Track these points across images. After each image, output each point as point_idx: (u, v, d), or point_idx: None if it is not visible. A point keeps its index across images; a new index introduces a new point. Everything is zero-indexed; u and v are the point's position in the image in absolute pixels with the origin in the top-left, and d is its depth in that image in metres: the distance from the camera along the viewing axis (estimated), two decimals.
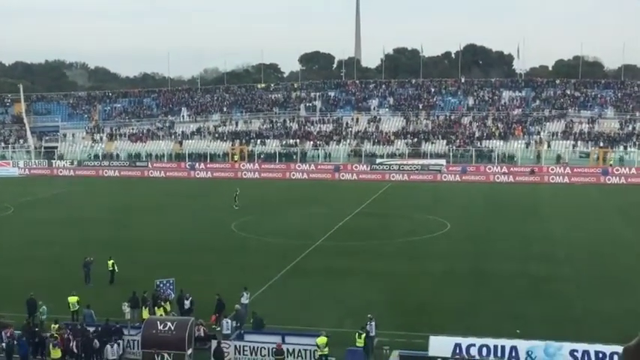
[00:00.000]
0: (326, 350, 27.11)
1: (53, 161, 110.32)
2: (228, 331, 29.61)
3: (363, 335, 27.71)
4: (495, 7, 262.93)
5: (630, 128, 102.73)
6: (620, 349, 25.70)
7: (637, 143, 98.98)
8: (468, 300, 35.87)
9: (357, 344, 27.44)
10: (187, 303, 32.37)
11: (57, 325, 28.90)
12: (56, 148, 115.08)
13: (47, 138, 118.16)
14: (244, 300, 32.69)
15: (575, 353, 26.09)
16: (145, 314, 30.96)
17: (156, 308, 31.60)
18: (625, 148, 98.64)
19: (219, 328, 29.85)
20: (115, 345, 27.61)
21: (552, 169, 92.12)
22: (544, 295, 36.50)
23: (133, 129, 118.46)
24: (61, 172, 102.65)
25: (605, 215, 61.48)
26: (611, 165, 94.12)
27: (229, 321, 30.05)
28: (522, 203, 68.01)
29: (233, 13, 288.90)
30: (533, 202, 69.20)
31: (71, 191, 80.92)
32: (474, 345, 26.83)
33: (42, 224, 58.25)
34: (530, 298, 36.10)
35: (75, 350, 27.78)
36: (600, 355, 25.89)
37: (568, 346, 26.35)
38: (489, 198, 72.10)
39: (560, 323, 31.65)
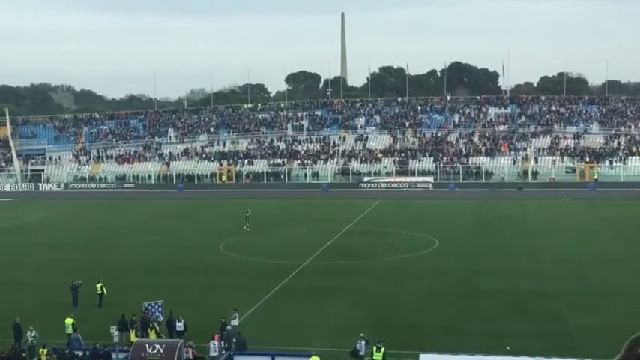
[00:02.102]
0: None
1: (40, 184, 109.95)
2: (216, 353, 29.47)
3: (382, 350, 27.80)
4: (480, 24, 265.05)
5: (615, 143, 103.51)
6: None
7: (622, 158, 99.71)
8: (457, 317, 35.87)
9: (375, 358, 27.52)
10: (180, 325, 32.23)
11: (45, 350, 28.67)
12: (42, 171, 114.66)
13: (33, 161, 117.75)
14: (234, 321, 32.58)
15: None
16: (133, 337, 30.79)
17: (149, 330, 31.40)
18: (610, 163, 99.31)
19: (212, 352, 29.64)
20: None
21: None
22: (533, 311, 36.56)
23: (119, 151, 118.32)
24: (47, 195, 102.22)
25: (593, 230, 61.71)
26: (595, 180, 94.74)
27: (216, 343, 29.91)
28: (510, 220, 68.20)
29: (219, 33, 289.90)
30: (520, 218, 69.39)
31: (58, 214, 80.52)
32: None
33: (28, 247, 57.91)
34: (519, 314, 36.15)
35: None
36: None
37: None
38: (477, 215, 72.25)
39: (550, 339, 31.70)
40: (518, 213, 72.81)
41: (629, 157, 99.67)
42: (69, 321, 32.73)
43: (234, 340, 30.34)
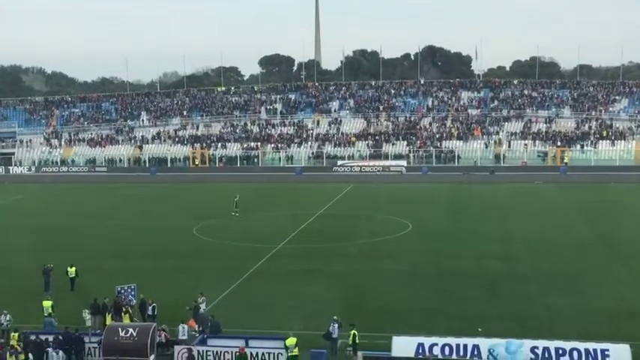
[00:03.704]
0: (296, 351, 27.17)
1: (10, 168, 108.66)
2: (185, 337, 29.38)
3: (353, 332, 27.98)
4: (453, 8, 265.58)
5: (586, 127, 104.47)
6: (578, 344, 26.12)
7: (593, 142, 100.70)
8: (430, 299, 36.11)
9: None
10: (150, 309, 32.06)
11: (16, 334, 28.40)
12: (13, 154, 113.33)
13: (3, 144, 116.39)
14: (202, 305, 32.50)
15: (536, 350, 26.37)
16: (109, 321, 30.55)
17: (123, 314, 31.20)
18: (582, 147, 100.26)
19: (181, 336, 29.51)
20: (61, 352, 27.09)
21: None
22: (504, 293, 36.90)
23: (91, 134, 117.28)
24: (18, 178, 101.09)
25: (563, 213, 62.34)
26: (566, 164, 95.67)
27: (185, 326, 29.81)
28: (483, 203, 68.69)
29: (192, 16, 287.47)
30: (493, 201, 69.90)
31: (29, 198, 79.67)
32: (436, 344, 26.96)
33: None
34: (491, 296, 36.48)
35: None
36: (560, 351, 26.21)
37: (529, 343, 26.63)
38: (450, 198, 72.66)
39: (521, 321, 32.01)
40: (490, 196, 73.32)
41: (600, 141, 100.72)
42: (47, 304, 32.42)
43: (209, 323, 30.27)
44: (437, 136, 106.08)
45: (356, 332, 28.30)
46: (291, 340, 27.36)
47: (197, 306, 32.09)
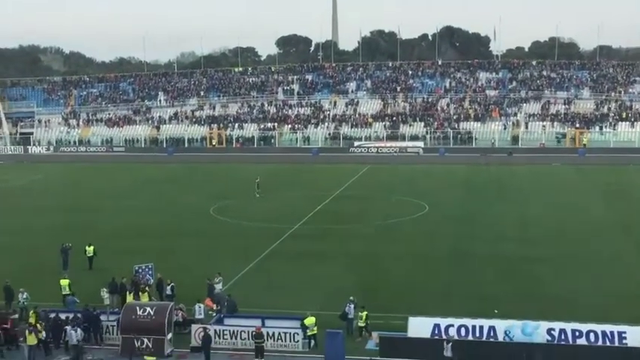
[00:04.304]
0: (315, 330, 27.35)
1: (29, 147, 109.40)
2: (201, 316, 29.60)
3: (365, 313, 28.29)
4: None
5: (605, 109, 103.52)
6: (595, 326, 26.07)
7: (612, 124, 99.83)
8: (446, 281, 36.11)
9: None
10: (168, 289, 32.30)
11: (35, 313, 28.71)
12: (32, 134, 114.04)
13: (22, 124, 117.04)
14: (219, 285, 32.71)
15: (553, 332, 26.36)
16: (130, 299, 30.77)
17: (140, 294, 31.44)
18: (600, 128, 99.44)
19: (197, 315, 29.72)
20: (79, 330, 27.40)
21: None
22: (520, 275, 36.83)
23: (109, 114, 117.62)
24: (37, 158, 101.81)
25: (581, 196, 61.96)
26: (585, 145, 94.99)
27: (202, 305, 30.02)
28: (500, 185, 68.41)
29: None
30: (510, 183, 69.58)
31: (47, 177, 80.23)
32: (452, 325, 27.01)
33: (17, 211, 57.75)
34: (508, 278, 36.42)
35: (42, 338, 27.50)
36: (577, 332, 26.19)
37: (545, 325, 26.61)
38: (467, 180, 72.40)
39: (538, 303, 31.96)
40: (508, 178, 72.98)
41: (619, 123, 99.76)
42: (64, 282, 32.81)
43: (226, 302, 30.46)
44: (454, 117, 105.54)
45: (367, 313, 28.44)
46: (310, 320, 27.59)
47: (211, 285, 32.26)
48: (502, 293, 33.66)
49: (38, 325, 27.50)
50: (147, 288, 32.27)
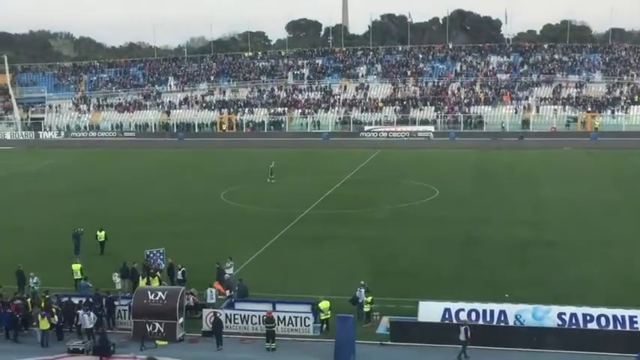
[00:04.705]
0: (329, 314, 27.48)
1: (40, 133, 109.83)
2: (213, 300, 29.68)
3: (370, 297, 28.41)
4: None
5: (617, 92, 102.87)
6: (606, 311, 26.02)
7: (624, 107, 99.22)
8: (456, 265, 36.09)
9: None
10: (179, 274, 32.40)
11: (47, 296, 28.91)
12: (42, 119, 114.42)
13: (33, 109, 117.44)
14: (230, 270, 32.79)
15: (563, 316, 26.35)
16: (143, 284, 30.90)
17: (151, 279, 31.55)
18: (612, 112, 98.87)
19: (209, 300, 29.81)
20: (92, 313, 27.57)
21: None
22: (532, 259, 36.76)
23: (119, 99, 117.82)
24: (48, 143, 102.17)
25: (593, 180, 61.70)
26: (597, 129, 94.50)
27: (213, 290, 30.11)
28: (511, 169, 68.18)
29: None
30: (521, 167, 69.35)
31: (58, 163, 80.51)
32: (462, 310, 27.04)
33: (29, 196, 58.04)
34: (519, 262, 36.36)
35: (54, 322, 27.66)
36: (588, 317, 26.16)
37: (556, 309, 26.60)
38: (478, 164, 72.21)
39: (549, 287, 31.92)
40: (519, 162, 72.73)
41: (632, 107, 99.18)
42: (76, 267, 33.01)
43: (237, 287, 30.55)
44: (465, 101, 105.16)
45: (372, 298, 28.50)
46: (325, 304, 27.71)
47: (220, 269, 32.32)
48: (513, 277, 33.62)
49: (53, 309, 27.69)
50: (158, 273, 32.40)
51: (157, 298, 27.61)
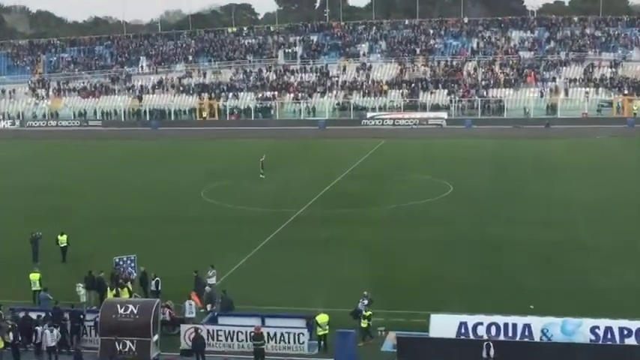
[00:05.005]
0: (327, 329, 27.49)
1: None
2: (192, 314, 29.64)
3: (368, 313, 28.28)
4: None
5: None
6: None
7: None
8: (473, 272, 36.14)
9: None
10: (153, 284, 32.37)
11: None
12: None
13: None
14: (212, 280, 32.77)
15: (597, 330, 26.38)
16: (111, 296, 30.86)
17: (120, 290, 31.49)
18: None
19: (188, 314, 29.77)
20: (55, 330, 27.56)
21: None
22: (560, 265, 36.83)
23: (83, 83, 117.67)
24: (0, 134, 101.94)
25: (630, 173, 61.81)
26: (635, 115, 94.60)
27: (192, 302, 30.10)
28: (535, 161, 68.27)
29: None
30: (547, 159, 69.46)
31: (13, 156, 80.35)
32: (481, 324, 27.04)
33: None
34: (545, 268, 36.41)
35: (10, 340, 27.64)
36: (625, 331, 26.20)
37: (589, 322, 26.63)
38: (498, 156, 72.30)
39: (579, 297, 31.98)
40: (545, 153, 72.83)
41: None
42: (34, 276, 32.92)
43: (220, 300, 30.54)
44: (483, 83, 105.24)
45: (370, 313, 28.42)
46: (323, 317, 27.71)
47: (199, 278, 32.28)
48: (538, 286, 33.68)
49: (8, 325, 27.64)
50: (128, 283, 32.36)
51: (128, 312, 27.58)
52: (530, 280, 34.72)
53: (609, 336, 26.29)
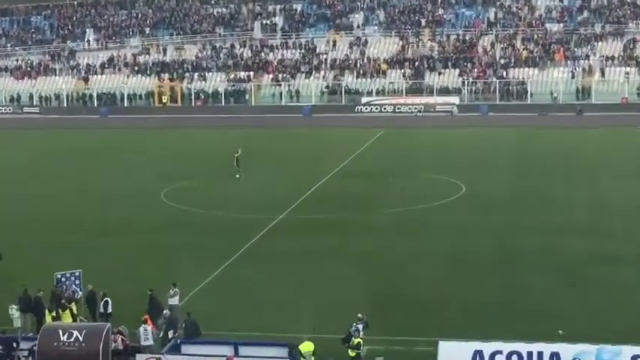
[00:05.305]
0: (313, 359, 27.48)
1: None
2: (149, 342, 29.56)
3: (357, 340, 28.19)
4: None
5: None
6: None
7: None
8: (489, 290, 36.24)
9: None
10: (102, 306, 32.29)
11: None
12: None
13: None
14: (174, 300, 32.72)
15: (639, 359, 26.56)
16: (50, 320, 30.83)
17: (61, 312, 31.45)
18: None
19: (143, 341, 29.76)
20: None
21: None
22: (594, 282, 36.97)
23: (17, 61, 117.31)
24: None
25: None
26: None
27: (149, 328, 30.00)
28: (564, 156, 68.50)
29: None
30: (579, 153, 69.71)
31: None
32: (500, 352, 27.14)
33: None
34: (575, 286, 36.55)
35: None
36: None
37: (628, 350, 26.75)
38: (519, 150, 72.53)
39: (618, 320, 32.11)
40: (576, 146, 73.09)
41: None
42: None
43: (183, 324, 30.53)
44: (501, 62, 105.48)
45: (360, 341, 28.42)
46: (308, 346, 27.59)
47: (152, 296, 32.18)
48: (567, 307, 33.80)
49: None
50: (72, 304, 32.31)
51: (72, 339, 27.54)
52: (558, 299, 34.84)
53: None
